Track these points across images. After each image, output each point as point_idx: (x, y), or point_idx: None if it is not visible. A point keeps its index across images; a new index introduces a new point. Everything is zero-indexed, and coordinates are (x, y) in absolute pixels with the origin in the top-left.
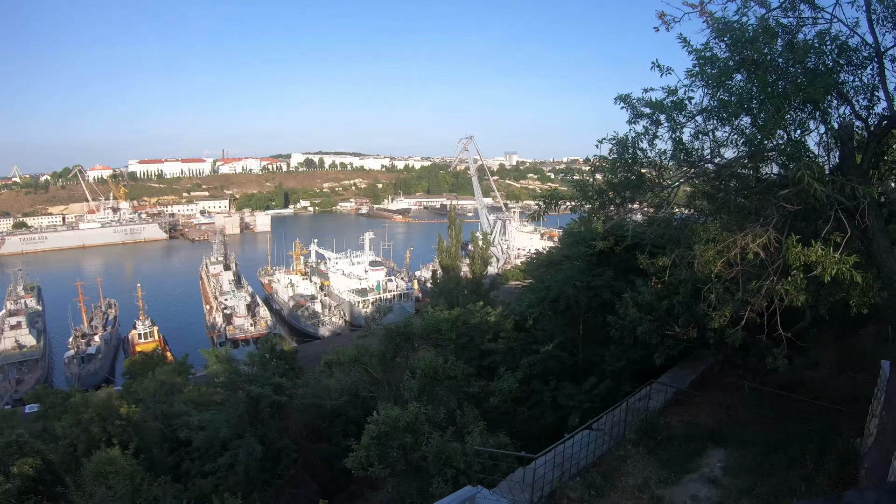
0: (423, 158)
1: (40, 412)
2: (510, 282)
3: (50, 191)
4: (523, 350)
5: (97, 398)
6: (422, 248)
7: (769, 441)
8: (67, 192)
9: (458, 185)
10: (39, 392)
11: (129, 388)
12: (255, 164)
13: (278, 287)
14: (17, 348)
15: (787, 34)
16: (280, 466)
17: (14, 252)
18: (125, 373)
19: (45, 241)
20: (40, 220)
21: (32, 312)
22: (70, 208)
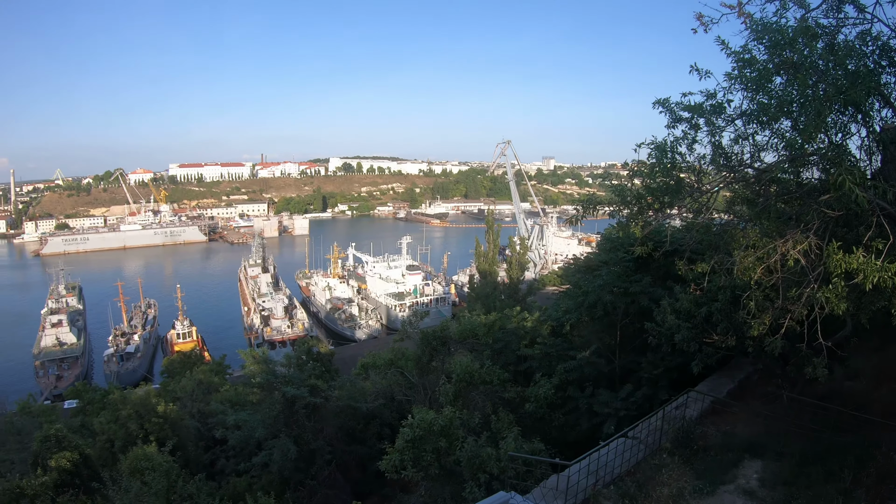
0: (461, 163)
1: (79, 408)
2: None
3: (92, 193)
4: (560, 356)
5: (135, 396)
6: (459, 253)
7: (807, 453)
8: (109, 195)
9: (496, 189)
10: (79, 388)
11: (167, 387)
12: (293, 168)
13: (316, 290)
14: (58, 345)
15: (827, 35)
16: (314, 467)
17: (56, 252)
18: (163, 371)
19: (86, 242)
20: (82, 221)
21: (73, 311)
22: (111, 210)
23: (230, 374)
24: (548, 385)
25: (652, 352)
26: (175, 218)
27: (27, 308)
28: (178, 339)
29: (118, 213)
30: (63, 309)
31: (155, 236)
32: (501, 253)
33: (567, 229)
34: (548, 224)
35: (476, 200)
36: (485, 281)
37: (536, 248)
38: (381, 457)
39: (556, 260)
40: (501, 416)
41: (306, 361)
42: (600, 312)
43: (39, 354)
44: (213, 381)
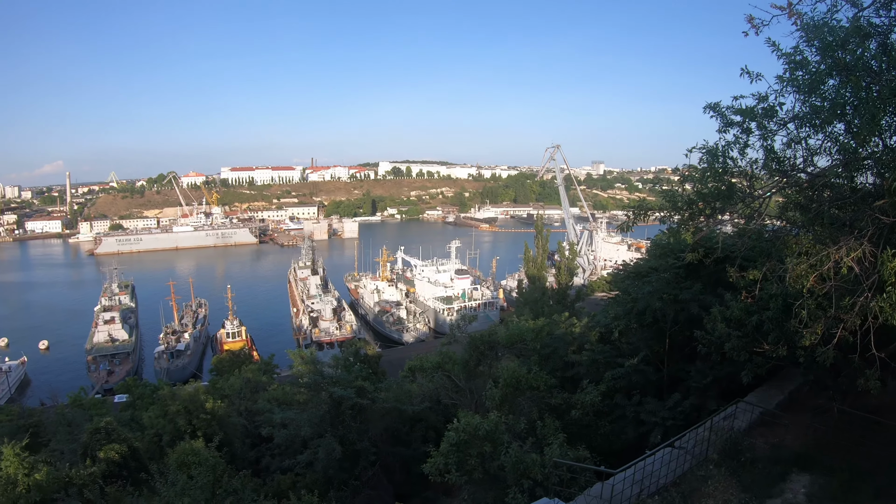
0: (510, 167)
1: (129, 402)
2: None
3: (145, 195)
4: (607, 363)
5: (184, 392)
6: (508, 258)
7: (857, 468)
8: (162, 197)
9: (545, 194)
10: (129, 383)
11: (216, 385)
12: (343, 172)
13: (364, 292)
14: (110, 341)
15: (880, 35)
16: (358, 467)
17: (110, 252)
18: (212, 369)
19: (139, 242)
20: (136, 222)
21: (126, 309)
22: (164, 212)
23: (278, 373)
24: (594, 392)
25: (701, 360)
26: (226, 220)
27: (81, 305)
28: (228, 338)
29: (171, 214)
30: (116, 307)
31: (206, 238)
32: (550, 258)
33: (616, 235)
34: (597, 229)
35: (525, 205)
36: (533, 286)
37: (585, 253)
38: (426, 459)
39: (605, 266)
40: (547, 422)
41: (354, 363)
42: (649, 319)
43: (92, 350)
44: (261, 379)
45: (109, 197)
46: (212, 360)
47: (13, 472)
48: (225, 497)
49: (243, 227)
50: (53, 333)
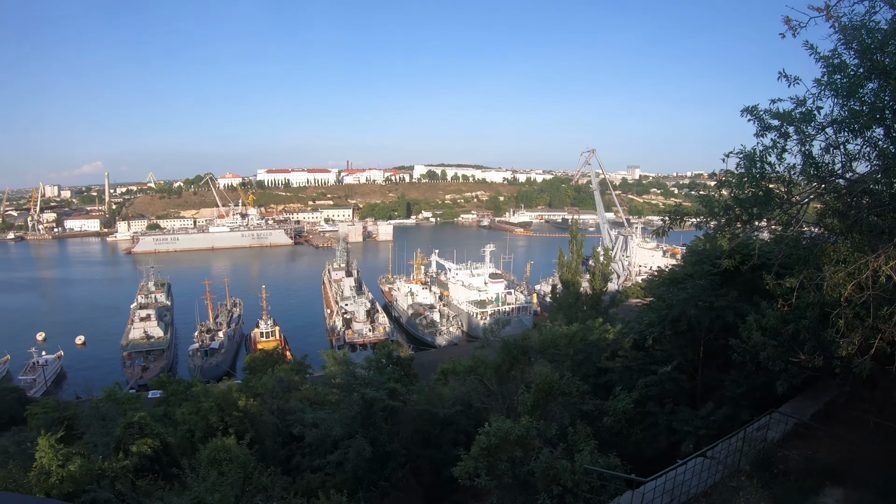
0: (545, 172)
1: (162, 398)
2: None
3: (182, 196)
4: (641, 370)
5: (217, 390)
6: (542, 262)
7: (892, 482)
8: (199, 198)
9: (580, 199)
10: (163, 380)
11: (249, 383)
12: (378, 174)
13: (398, 295)
14: (146, 338)
15: None
16: (387, 469)
17: (147, 251)
18: (245, 368)
19: (176, 241)
20: (173, 222)
21: (161, 307)
22: (201, 213)
23: (310, 373)
24: (627, 399)
25: (735, 369)
26: (262, 221)
27: (118, 302)
28: (262, 337)
29: (207, 215)
30: (152, 304)
31: (242, 238)
32: (585, 263)
33: (652, 240)
34: (632, 235)
35: (560, 210)
36: (567, 291)
37: (620, 259)
38: (456, 463)
39: (640, 272)
40: (578, 429)
41: (386, 365)
42: (684, 327)
43: (127, 346)
44: (294, 379)
45: (147, 197)
46: (245, 358)
47: (47, 463)
48: (254, 494)
49: (279, 228)
50: (90, 329)
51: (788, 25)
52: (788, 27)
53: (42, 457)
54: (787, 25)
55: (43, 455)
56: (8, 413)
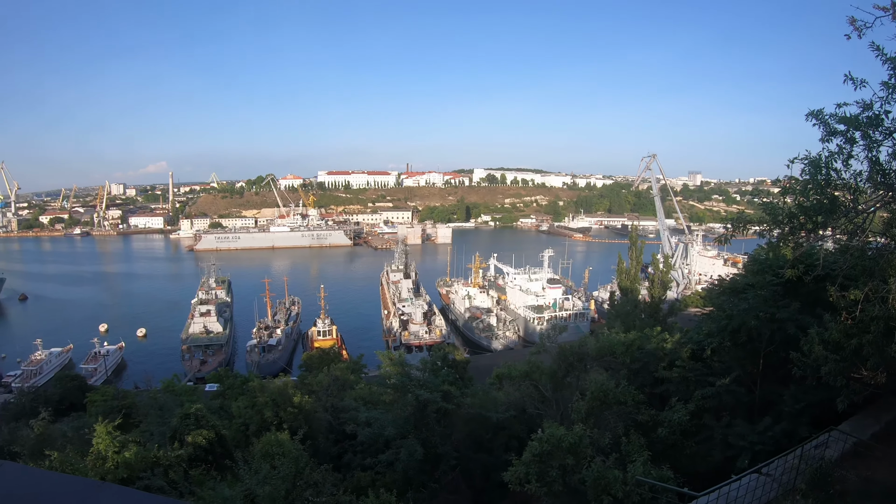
0: (605, 177)
1: (219, 391)
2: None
3: (244, 196)
4: (698, 381)
5: (273, 385)
6: (601, 268)
7: None
8: (260, 198)
9: (640, 204)
10: (221, 374)
11: (304, 380)
12: (438, 178)
13: (455, 298)
14: (205, 333)
15: None
16: (438, 471)
17: (209, 248)
18: (301, 365)
19: (237, 240)
20: (234, 221)
21: (222, 303)
22: (262, 212)
23: (366, 373)
24: (683, 410)
25: (795, 384)
26: (322, 222)
27: (179, 297)
28: (319, 336)
29: (268, 215)
30: (212, 300)
31: (302, 238)
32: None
33: (713, 248)
34: (692, 242)
35: (619, 215)
36: (626, 298)
37: (680, 266)
38: (507, 468)
39: (700, 280)
40: (632, 439)
41: (441, 367)
42: (744, 338)
43: (187, 340)
44: (349, 378)
45: (210, 196)
46: (302, 356)
47: (104, 449)
48: (305, 489)
49: (338, 229)
50: (151, 322)
51: (854, 26)
52: (854, 28)
53: (99, 443)
54: (853, 26)
55: (100, 441)
56: (69, 399)
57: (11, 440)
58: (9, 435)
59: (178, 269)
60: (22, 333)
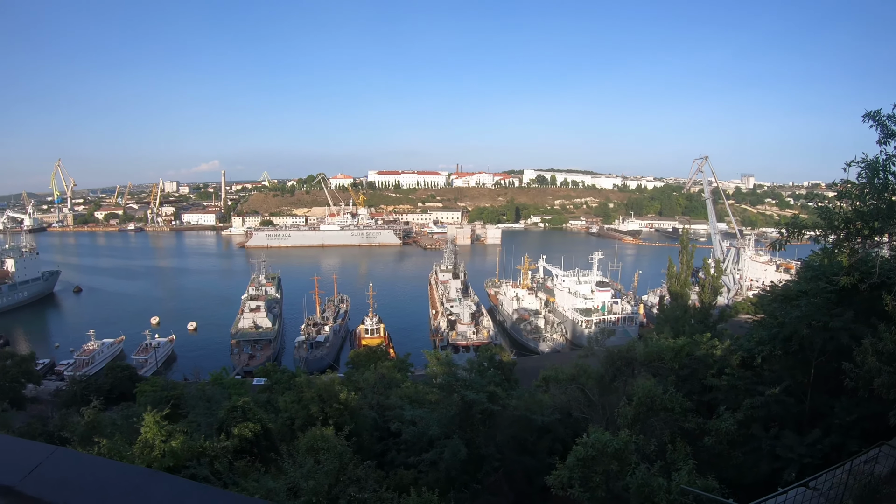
0: (656, 179)
1: (266, 385)
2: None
3: (295, 194)
4: (747, 390)
5: (320, 381)
6: (650, 272)
7: None
8: (311, 197)
9: (692, 207)
10: (268, 368)
11: (351, 377)
12: (487, 178)
13: (503, 299)
14: (254, 328)
15: None
16: (481, 472)
17: (259, 245)
18: (349, 362)
19: (288, 238)
20: (285, 219)
21: (271, 299)
22: (312, 211)
23: (412, 372)
24: (731, 420)
25: (847, 396)
26: (372, 221)
27: (229, 293)
28: (366, 333)
29: (318, 213)
30: (262, 296)
31: (352, 237)
32: (694, 275)
33: (765, 254)
34: (744, 247)
35: (670, 218)
36: (675, 303)
37: (731, 272)
38: (550, 471)
39: (751, 286)
40: (678, 447)
41: (488, 368)
42: (795, 347)
43: (236, 334)
44: (395, 376)
45: (261, 195)
46: (349, 353)
47: (151, 438)
48: (348, 485)
49: (388, 228)
50: (202, 316)
51: None
52: None
53: (147, 431)
54: None
55: (148, 430)
56: (119, 389)
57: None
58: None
59: (229, 266)
60: (75, 324)
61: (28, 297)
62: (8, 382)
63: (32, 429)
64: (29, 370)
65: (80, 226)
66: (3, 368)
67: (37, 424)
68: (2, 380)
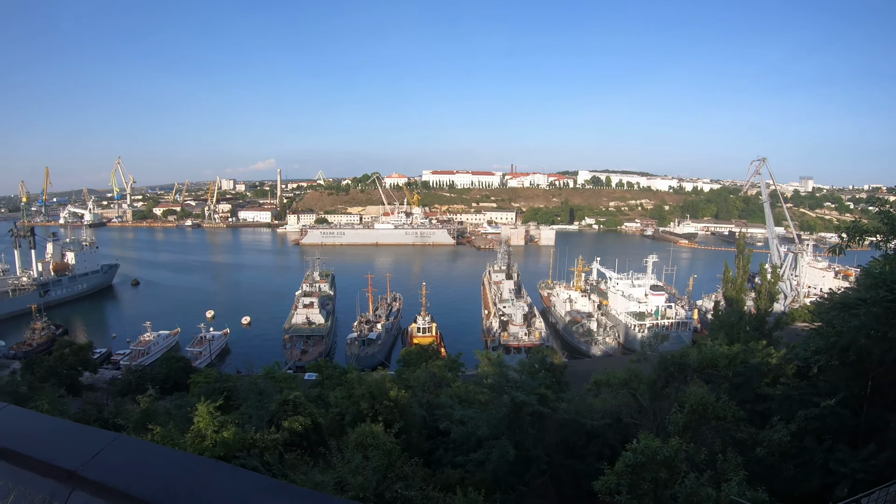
0: (712, 181)
1: (318, 381)
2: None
3: (350, 193)
4: (801, 400)
5: (371, 378)
6: (705, 277)
7: None
8: (365, 196)
9: (748, 210)
10: (320, 364)
11: (402, 375)
12: (542, 179)
13: (556, 301)
14: (307, 324)
15: None
16: (528, 474)
17: (314, 243)
18: (400, 360)
19: (342, 236)
20: (339, 217)
21: (324, 296)
22: (367, 209)
23: (463, 371)
24: (784, 430)
25: None
26: (426, 220)
27: (283, 288)
28: (418, 332)
29: (373, 212)
30: (315, 293)
31: (406, 236)
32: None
33: (823, 259)
34: (802, 252)
35: (727, 222)
36: (730, 309)
37: (788, 278)
38: (598, 476)
39: (809, 293)
40: (729, 457)
41: (539, 370)
42: (853, 357)
43: (289, 329)
44: (446, 375)
45: (316, 193)
46: (401, 351)
47: (203, 427)
48: (395, 481)
49: (442, 228)
50: (256, 311)
51: None
52: None
53: (199, 421)
54: None
55: (200, 420)
56: (173, 379)
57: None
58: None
59: (283, 262)
60: (133, 316)
61: (87, 288)
62: (65, 370)
63: (87, 415)
64: (86, 359)
65: (138, 221)
66: (62, 356)
67: (92, 411)
68: (59, 367)
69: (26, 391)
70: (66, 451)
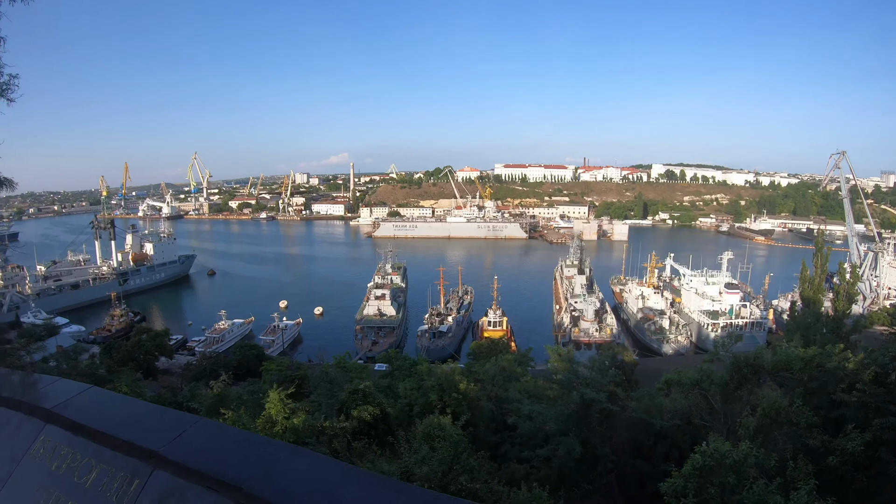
0: (790, 175)
1: (387, 371)
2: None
3: (422, 187)
4: (878, 409)
5: (440, 370)
6: (782, 275)
7: None
8: (437, 189)
9: (828, 206)
10: (391, 355)
11: (471, 368)
12: (615, 173)
13: (628, 297)
14: (378, 315)
15: None
16: (594, 473)
17: (386, 236)
18: (470, 353)
19: (414, 229)
20: (412, 210)
21: (396, 288)
22: (439, 203)
23: (532, 366)
24: (858, 439)
25: None
26: (498, 214)
27: (356, 280)
28: (489, 326)
29: (445, 205)
30: (387, 285)
31: (478, 230)
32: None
33: None
34: (883, 251)
35: (805, 218)
36: (807, 310)
37: (868, 278)
38: (664, 478)
39: (889, 295)
40: (800, 464)
41: (609, 367)
42: None
43: (361, 320)
44: (516, 370)
45: (389, 187)
46: (471, 344)
47: (274, 414)
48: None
49: (514, 221)
50: (328, 302)
51: None
52: None
53: (271, 408)
54: None
55: (272, 406)
56: (246, 366)
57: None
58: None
59: (356, 254)
60: (208, 304)
61: (165, 278)
62: (143, 355)
63: (163, 398)
64: (162, 345)
65: (214, 214)
66: (139, 342)
67: (167, 394)
68: (137, 352)
69: (105, 374)
70: (149, 432)
